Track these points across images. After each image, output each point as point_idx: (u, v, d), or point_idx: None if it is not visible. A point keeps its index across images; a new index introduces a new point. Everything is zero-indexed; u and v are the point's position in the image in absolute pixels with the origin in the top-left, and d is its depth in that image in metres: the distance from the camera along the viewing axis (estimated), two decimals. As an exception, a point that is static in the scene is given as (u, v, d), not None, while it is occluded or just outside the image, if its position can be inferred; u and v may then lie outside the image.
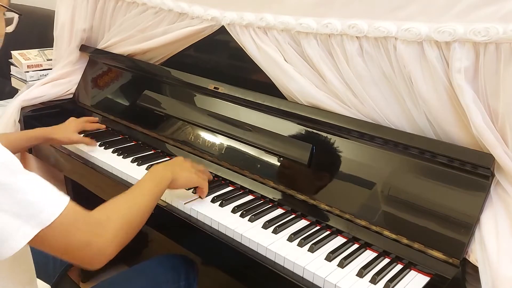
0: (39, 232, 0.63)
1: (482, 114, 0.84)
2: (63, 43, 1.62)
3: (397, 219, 0.89)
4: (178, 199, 1.02)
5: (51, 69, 1.70)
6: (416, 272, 0.83)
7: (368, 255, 0.87)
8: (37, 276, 0.90)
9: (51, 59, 1.73)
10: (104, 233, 0.72)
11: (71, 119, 1.34)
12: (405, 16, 0.90)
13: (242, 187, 1.09)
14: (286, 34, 1.09)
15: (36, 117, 1.53)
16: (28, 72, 1.72)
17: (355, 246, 0.90)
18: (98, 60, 1.61)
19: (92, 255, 0.71)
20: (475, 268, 0.80)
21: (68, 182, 1.64)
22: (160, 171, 0.93)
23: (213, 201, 1.02)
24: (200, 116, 1.24)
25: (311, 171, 1.02)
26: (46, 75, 1.68)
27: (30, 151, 1.52)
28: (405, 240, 0.87)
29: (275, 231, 0.91)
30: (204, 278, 1.11)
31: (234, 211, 0.98)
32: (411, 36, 0.88)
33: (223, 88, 1.22)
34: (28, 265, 0.80)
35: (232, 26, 1.20)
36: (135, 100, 1.38)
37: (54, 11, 1.61)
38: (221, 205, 1.00)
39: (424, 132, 0.94)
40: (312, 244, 0.87)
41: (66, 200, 0.68)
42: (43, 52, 1.79)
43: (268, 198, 1.05)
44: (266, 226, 0.93)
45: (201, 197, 1.02)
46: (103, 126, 1.40)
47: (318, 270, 0.80)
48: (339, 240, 0.91)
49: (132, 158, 1.22)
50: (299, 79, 1.07)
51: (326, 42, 1.02)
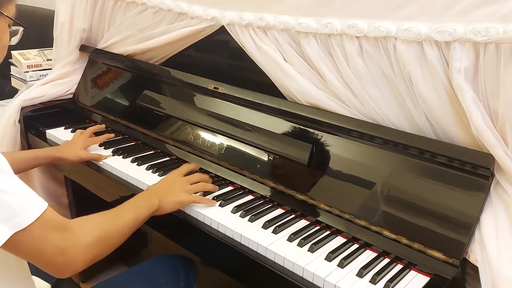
0: (13, 235, 0.63)
1: (482, 114, 0.83)
2: (62, 43, 1.62)
3: (397, 219, 0.89)
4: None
5: (51, 69, 1.70)
6: (416, 272, 0.83)
7: (368, 255, 0.87)
8: (37, 275, 0.91)
9: (50, 59, 1.73)
10: (78, 243, 0.72)
11: (77, 134, 1.29)
12: (405, 16, 0.90)
13: (242, 187, 1.09)
14: (285, 34, 1.09)
15: (36, 117, 1.52)
16: (28, 72, 1.72)
17: (355, 246, 0.89)
18: (97, 60, 1.61)
19: (62, 263, 0.70)
20: (475, 268, 0.80)
21: (68, 182, 1.64)
22: (146, 197, 0.92)
23: (213, 201, 1.02)
24: (200, 116, 1.24)
25: (311, 171, 1.02)
26: (46, 75, 1.68)
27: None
28: (405, 240, 0.87)
29: (275, 231, 0.91)
30: (204, 278, 1.11)
31: (234, 211, 0.98)
32: (411, 36, 0.88)
33: (223, 88, 1.22)
34: (22, 262, 0.80)
35: (232, 26, 1.19)
36: (135, 100, 1.38)
37: (54, 11, 1.61)
38: (221, 205, 1.00)
39: (424, 132, 0.94)
40: (312, 244, 0.87)
41: (44, 205, 0.67)
42: (43, 52, 1.79)
43: (268, 198, 1.05)
44: (266, 226, 0.93)
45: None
46: (112, 135, 1.33)
47: (318, 270, 0.80)
48: (339, 240, 0.91)
49: (132, 158, 1.22)
50: (299, 79, 1.07)
51: (325, 42, 1.02)
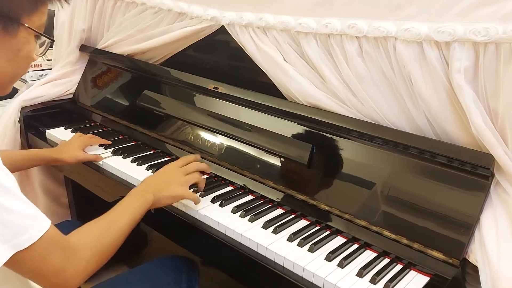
0: (15, 254, 0.63)
1: (482, 114, 0.83)
2: (62, 43, 1.62)
3: (397, 219, 0.89)
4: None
5: (50, 69, 1.70)
6: (416, 272, 0.83)
7: (368, 255, 0.87)
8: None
9: (50, 59, 1.73)
10: (78, 261, 0.72)
11: (76, 136, 1.28)
12: (405, 16, 0.90)
13: (242, 187, 1.09)
14: (285, 34, 1.09)
15: (36, 117, 1.52)
16: (28, 72, 1.72)
17: (355, 246, 0.90)
18: (97, 60, 1.61)
19: (63, 282, 0.71)
20: (475, 268, 0.80)
21: (68, 182, 1.64)
22: (140, 193, 0.91)
23: (213, 201, 1.02)
24: (200, 116, 1.24)
25: (311, 171, 1.02)
26: (45, 75, 1.68)
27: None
28: (405, 240, 0.87)
29: (275, 231, 0.91)
30: (204, 279, 1.11)
31: (234, 211, 0.98)
32: (411, 36, 0.88)
33: (223, 88, 1.22)
34: None
35: (232, 26, 1.19)
36: (134, 100, 1.38)
37: (54, 11, 1.61)
38: (221, 205, 1.00)
39: (424, 132, 0.94)
40: (312, 244, 0.87)
41: (47, 224, 0.67)
42: (43, 52, 1.79)
43: (268, 198, 1.05)
44: (266, 226, 0.93)
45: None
46: (109, 142, 1.32)
47: (318, 270, 0.80)
48: (339, 240, 0.91)
49: (132, 158, 1.22)
50: (298, 79, 1.07)
51: (325, 42, 1.02)
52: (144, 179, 0.98)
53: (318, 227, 0.95)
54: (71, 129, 1.44)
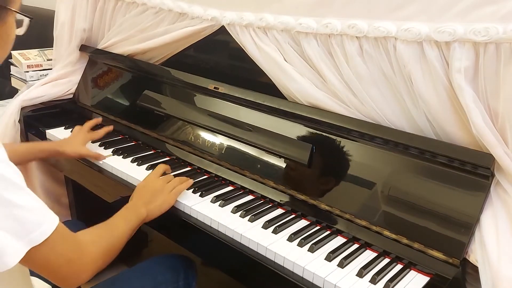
0: (29, 250, 0.64)
1: (482, 114, 0.83)
2: (63, 43, 1.62)
3: (397, 219, 0.89)
4: (178, 199, 1.02)
5: (51, 69, 1.70)
6: (416, 272, 0.83)
7: (368, 255, 0.87)
8: (37, 276, 0.91)
9: (51, 59, 1.73)
10: (87, 256, 0.75)
11: (76, 130, 1.29)
12: (405, 16, 0.90)
13: (242, 187, 1.09)
14: (286, 34, 1.09)
15: (36, 117, 1.53)
16: (28, 72, 1.72)
17: (355, 246, 0.89)
18: (98, 60, 1.61)
19: (71, 275, 0.73)
20: (475, 268, 0.80)
21: (68, 182, 1.64)
22: (133, 207, 0.94)
23: (213, 201, 1.02)
24: (200, 116, 1.24)
25: (311, 171, 1.02)
26: (46, 75, 1.68)
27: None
28: (405, 240, 0.87)
29: (275, 231, 0.91)
30: (204, 278, 1.11)
31: (234, 211, 0.98)
32: (411, 36, 0.88)
33: (223, 88, 1.22)
34: (23, 267, 0.80)
35: (232, 26, 1.19)
36: (135, 100, 1.38)
37: (54, 11, 1.61)
38: (221, 205, 1.00)
39: (424, 132, 0.94)
40: (312, 244, 0.87)
41: (56, 219, 0.69)
42: (43, 52, 1.79)
43: (268, 198, 1.05)
44: (266, 226, 0.93)
45: None
46: (111, 127, 1.33)
47: (318, 270, 0.80)
48: (339, 240, 0.91)
49: (132, 158, 1.22)
50: (299, 79, 1.07)
51: (326, 42, 1.02)
52: (131, 197, 0.99)
53: (318, 227, 0.95)
54: (71, 129, 1.44)
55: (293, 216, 0.98)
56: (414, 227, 0.86)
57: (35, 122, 1.50)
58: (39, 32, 1.88)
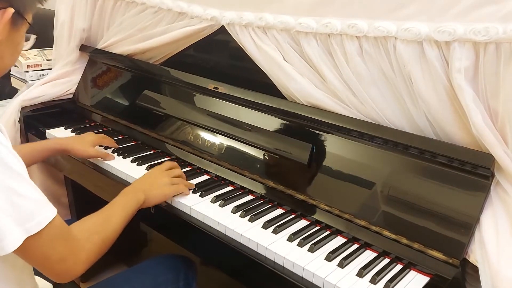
0: (25, 240, 0.65)
1: (482, 114, 0.83)
2: (62, 42, 1.62)
3: (397, 219, 0.89)
4: (178, 199, 1.02)
5: (50, 69, 1.70)
6: (416, 272, 0.83)
7: (368, 255, 0.87)
8: (38, 275, 0.91)
9: (50, 59, 1.73)
10: (80, 251, 0.75)
11: (89, 133, 1.28)
12: (405, 15, 0.90)
13: (242, 187, 1.09)
14: (285, 34, 1.09)
15: (36, 117, 1.53)
16: (27, 72, 1.72)
17: (355, 246, 0.89)
18: (97, 60, 1.61)
19: (64, 270, 0.73)
20: (475, 269, 0.80)
21: (68, 182, 1.64)
22: (132, 192, 0.95)
23: (213, 201, 1.02)
24: (199, 116, 1.24)
25: (311, 171, 1.02)
26: (45, 75, 1.68)
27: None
28: (405, 240, 0.87)
29: (275, 231, 0.91)
30: (204, 278, 1.11)
31: (234, 211, 0.98)
32: (411, 36, 0.88)
33: (223, 88, 1.22)
34: (25, 264, 0.80)
35: (232, 26, 1.19)
36: (134, 100, 1.38)
37: (54, 11, 1.61)
38: (221, 205, 1.00)
39: (424, 132, 0.94)
40: (312, 244, 0.87)
41: (54, 211, 0.69)
42: (43, 52, 1.79)
43: (268, 198, 1.05)
44: (266, 226, 0.93)
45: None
46: (118, 146, 1.29)
47: (318, 270, 0.80)
48: (339, 240, 0.91)
49: (132, 158, 1.22)
50: (298, 78, 1.07)
51: (325, 41, 1.02)
52: (133, 182, 1.01)
53: (318, 227, 0.95)
54: (71, 129, 1.44)
55: (293, 216, 0.98)
56: (414, 227, 0.86)
57: (35, 122, 1.50)
58: (39, 32, 1.88)
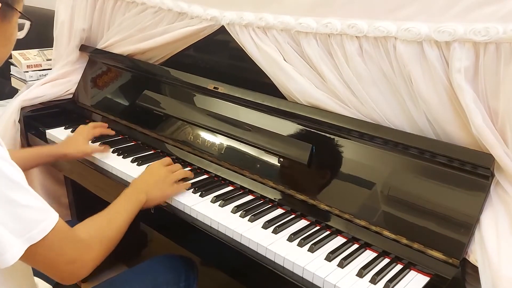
0: (29, 248, 0.65)
1: (482, 114, 0.83)
2: (62, 42, 1.62)
3: (396, 219, 0.89)
4: (178, 199, 1.02)
5: (50, 69, 1.70)
6: (416, 272, 0.83)
7: (368, 255, 0.87)
8: (38, 276, 0.91)
9: (50, 59, 1.73)
10: (86, 252, 0.75)
11: (79, 128, 1.28)
12: (405, 16, 0.90)
13: (242, 187, 1.09)
14: (285, 34, 1.09)
15: (36, 117, 1.52)
16: (27, 72, 1.72)
17: (355, 246, 0.89)
18: (97, 60, 1.61)
19: (73, 272, 0.74)
20: (475, 268, 0.80)
21: (68, 182, 1.64)
22: (134, 193, 0.95)
23: (213, 201, 1.02)
24: (199, 116, 1.24)
25: (311, 171, 1.02)
26: (45, 75, 1.68)
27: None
28: (404, 240, 0.87)
29: (275, 231, 0.91)
30: (204, 278, 1.11)
31: (234, 211, 0.98)
32: (411, 36, 0.88)
33: (223, 88, 1.22)
34: (27, 267, 0.80)
35: (232, 26, 1.19)
36: (134, 100, 1.38)
37: (54, 11, 1.61)
38: (221, 205, 1.00)
39: (424, 132, 0.94)
40: (312, 244, 0.87)
41: (56, 217, 0.69)
42: (43, 52, 1.79)
43: (268, 198, 1.05)
44: (266, 226, 0.93)
45: None
46: (113, 132, 1.31)
47: (318, 270, 0.80)
48: (339, 240, 0.91)
49: (132, 158, 1.22)
50: (298, 79, 1.07)
51: (325, 42, 1.02)
52: (133, 181, 1.01)
53: (318, 227, 0.95)
54: (71, 129, 1.44)
55: (293, 216, 0.98)
56: (413, 227, 0.86)
57: (35, 122, 1.50)
58: (38, 32, 1.88)
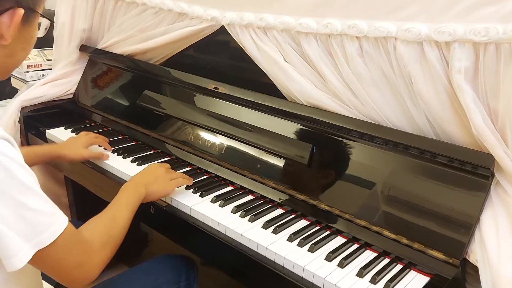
0: (37, 252, 0.65)
1: (482, 114, 0.83)
2: (63, 43, 1.62)
3: (397, 219, 0.89)
4: (178, 199, 1.02)
5: (51, 69, 1.70)
6: (416, 272, 0.83)
7: (368, 255, 0.87)
8: (42, 278, 0.90)
9: (51, 59, 1.73)
10: (94, 254, 0.75)
11: (82, 134, 1.27)
12: (405, 16, 0.90)
13: (242, 187, 1.09)
14: (286, 34, 1.09)
15: (36, 117, 1.52)
16: (28, 72, 1.72)
17: (355, 246, 0.90)
18: (98, 60, 1.61)
19: (81, 275, 0.73)
20: (475, 268, 0.80)
21: (68, 182, 1.64)
22: (133, 187, 0.95)
23: (213, 201, 1.02)
24: (200, 116, 1.24)
25: (311, 171, 1.02)
26: (46, 75, 1.68)
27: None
28: (405, 240, 0.87)
29: (275, 231, 0.91)
30: (204, 278, 1.11)
31: (234, 211, 0.98)
32: (411, 36, 0.88)
33: (223, 88, 1.22)
34: (34, 269, 0.80)
35: (232, 26, 1.19)
36: (135, 100, 1.38)
37: (54, 11, 1.61)
38: (221, 205, 1.00)
39: (424, 132, 0.94)
40: (312, 244, 0.87)
41: (65, 221, 0.69)
42: (43, 52, 1.80)
43: (268, 198, 1.05)
44: (266, 226, 0.93)
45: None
46: (111, 148, 1.28)
47: (318, 270, 0.80)
48: (339, 240, 0.91)
49: (132, 158, 1.22)
50: (299, 79, 1.07)
51: (326, 42, 1.02)
52: (132, 177, 1.01)
53: (318, 227, 0.95)
54: (71, 129, 1.44)
55: (293, 216, 0.98)
56: (414, 227, 0.86)
57: (35, 122, 1.50)
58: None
